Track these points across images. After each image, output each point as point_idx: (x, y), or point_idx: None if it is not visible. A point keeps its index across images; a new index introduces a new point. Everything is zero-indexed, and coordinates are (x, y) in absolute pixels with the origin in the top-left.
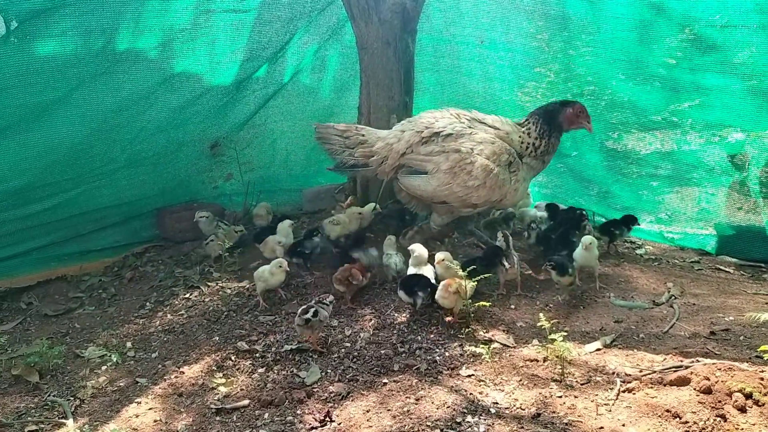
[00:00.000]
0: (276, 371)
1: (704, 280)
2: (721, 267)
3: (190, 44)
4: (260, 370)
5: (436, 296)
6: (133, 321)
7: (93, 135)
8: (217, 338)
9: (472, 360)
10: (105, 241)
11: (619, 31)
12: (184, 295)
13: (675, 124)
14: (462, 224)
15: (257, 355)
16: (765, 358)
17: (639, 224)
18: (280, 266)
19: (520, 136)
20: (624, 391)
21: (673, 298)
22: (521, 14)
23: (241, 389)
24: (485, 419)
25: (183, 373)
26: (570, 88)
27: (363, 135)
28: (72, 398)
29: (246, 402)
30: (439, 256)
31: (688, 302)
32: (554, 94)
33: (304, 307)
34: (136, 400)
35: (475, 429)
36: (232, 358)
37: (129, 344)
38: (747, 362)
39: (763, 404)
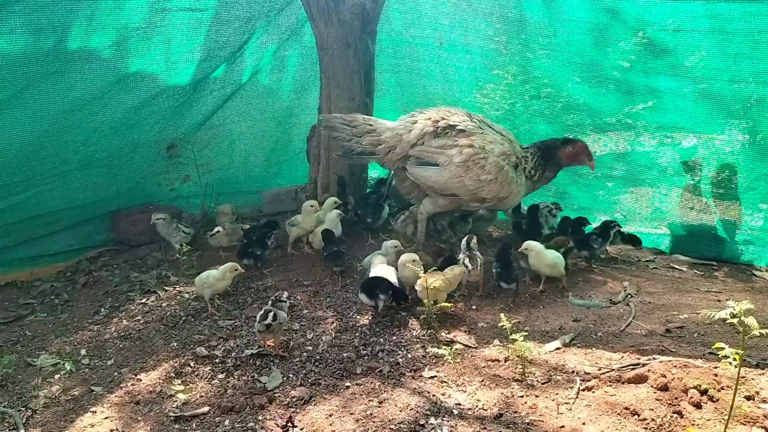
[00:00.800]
0: (236, 377)
1: (659, 278)
2: (675, 266)
3: (145, 43)
4: (220, 376)
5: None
6: (88, 327)
7: (44, 136)
8: (175, 344)
9: (434, 361)
10: (57, 245)
11: (575, 34)
12: (141, 300)
13: (629, 126)
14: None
15: (217, 360)
16: (720, 355)
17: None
18: (236, 269)
19: (518, 157)
20: (584, 390)
21: (629, 296)
22: (479, 17)
23: (201, 396)
24: (448, 421)
25: (140, 380)
26: (527, 90)
27: (371, 125)
28: (23, 409)
29: (206, 409)
30: (405, 258)
31: (644, 300)
32: (512, 96)
33: (261, 312)
34: (91, 410)
35: (438, 431)
36: (191, 364)
37: (83, 351)
38: (701, 359)
39: (717, 400)
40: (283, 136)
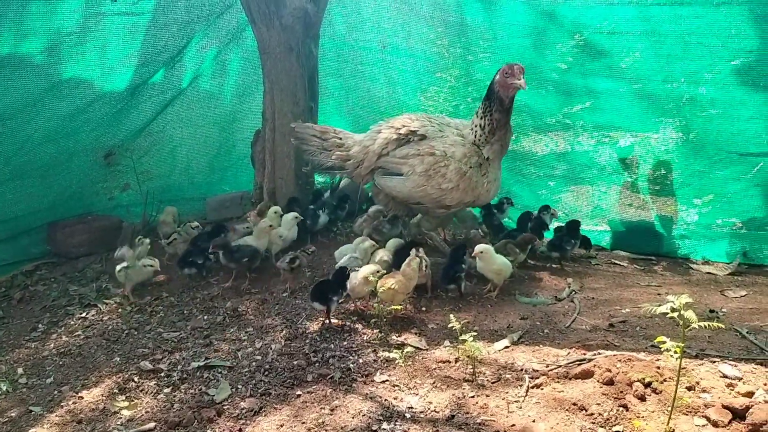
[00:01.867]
0: (183, 390)
1: (601, 274)
2: (616, 261)
3: (79, 48)
4: (166, 390)
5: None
6: (25, 345)
7: None
8: (118, 359)
9: (386, 365)
10: None
11: (515, 37)
12: (80, 314)
13: (568, 126)
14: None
15: (162, 374)
16: (662, 348)
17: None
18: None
19: (471, 127)
20: (533, 387)
21: (573, 293)
22: (421, 20)
23: (146, 412)
24: (401, 425)
25: (82, 398)
26: (470, 93)
27: (340, 138)
28: None
29: (152, 425)
30: (366, 269)
31: (588, 296)
32: (455, 99)
33: (289, 255)
34: (30, 431)
35: None
36: (135, 379)
37: (20, 370)
38: (644, 352)
39: (661, 392)
40: (226, 142)
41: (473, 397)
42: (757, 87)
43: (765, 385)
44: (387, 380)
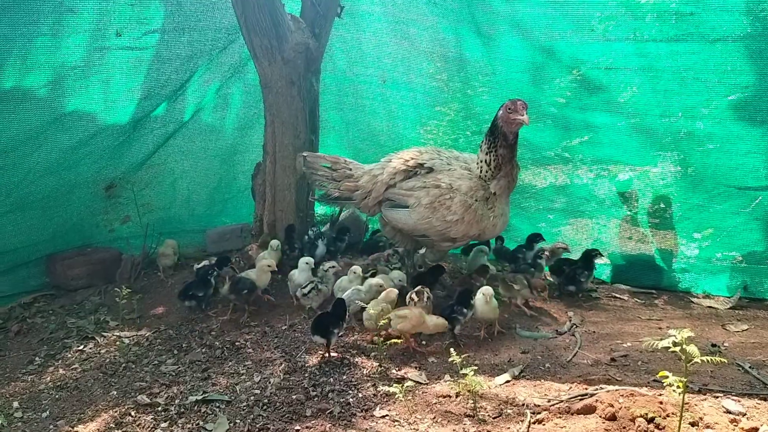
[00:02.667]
0: (180, 425)
1: (602, 308)
2: (617, 295)
3: (82, 82)
4: (163, 425)
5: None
6: (21, 378)
7: None
8: (115, 392)
9: (385, 400)
10: None
11: (513, 72)
12: (78, 347)
13: (567, 159)
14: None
15: (159, 408)
16: (665, 383)
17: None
18: None
19: (477, 162)
20: (534, 423)
21: (574, 326)
22: (421, 56)
23: None
24: None
25: None
26: (469, 126)
27: (350, 169)
28: None
29: None
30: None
31: (589, 330)
32: (454, 132)
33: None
34: None
35: None
36: (132, 413)
37: (16, 404)
38: (646, 387)
39: (664, 427)
40: (227, 174)
41: None
42: (753, 122)
43: None
44: (387, 415)
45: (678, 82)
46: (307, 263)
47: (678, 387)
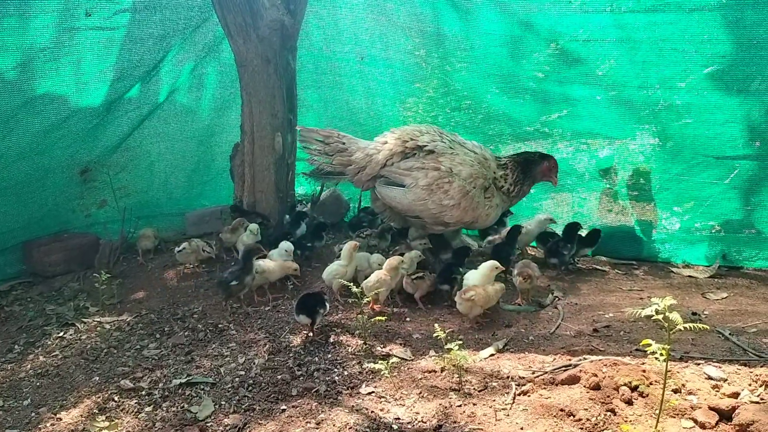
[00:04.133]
0: (165, 408)
1: (583, 280)
2: (598, 267)
3: (53, 64)
4: (147, 409)
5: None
6: (0, 366)
7: None
8: (97, 378)
9: (371, 377)
10: None
11: (492, 47)
12: (58, 334)
13: (546, 134)
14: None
15: (143, 392)
16: (648, 351)
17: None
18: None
19: (495, 172)
20: (519, 395)
21: (556, 299)
22: (399, 31)
23: (127, 431)
24: None
25: (60, 419)
26: (449, 102)
27: (343, 143)
28: None
29: None
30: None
31: (571, 302)
32: (434, 109)
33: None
34: None
35: None
36: (115, 398)
37: None
38: (629, 356)
39: (647, 395)
40: (204, 156)
41: (460, 406)
42: (731, 91)
43: (750, 385)
44: (373, 392)
45: (656, 53)
46: (286, 250)
47: (661, 354)
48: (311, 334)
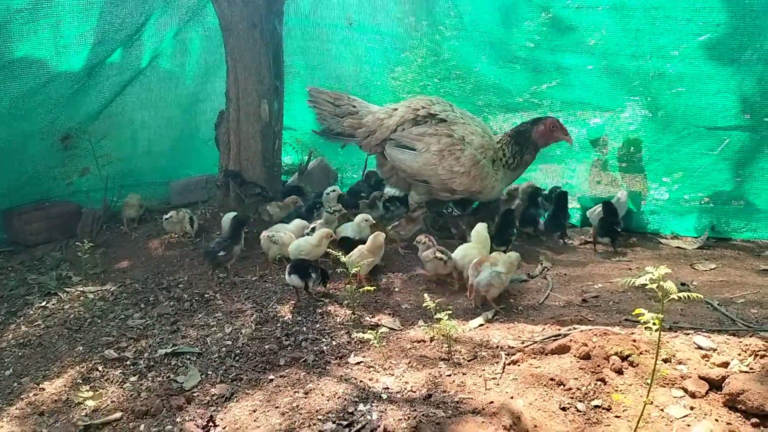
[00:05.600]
0: (150, 378)
1: (572, 251)
2: (587, 238)
3: (30, 26)
4: (132, 379)
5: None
6: None
7: None
8: (81, 348)
9: (360, 347)
10: None
11: (482, 13)
12: (40, 303)
13: (537, 104)
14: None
15: (128, 362)
16: (641, 320)
17: None
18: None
19: (495, 150)
20: (509, 364)
21: (545, 269)
22: None
23: (112, 401)
24: (377, 406)
25: (43, 389)
26: (438, 72)
27: (354, 106)
28: None
29: (118, 415)
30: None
31: (560, 273)
32: (423, 78)
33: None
34: None
35: (368, 417)
36: (100, 368)
37: None
38: (618, 326)
39: (638, 364)
40: (189, 124)
41: (450, 375)
42: (724, 61)
43: (739, 355)
44: (362, 362)
45: (649, 21)
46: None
47: (654, 323)
48: (305, 295)
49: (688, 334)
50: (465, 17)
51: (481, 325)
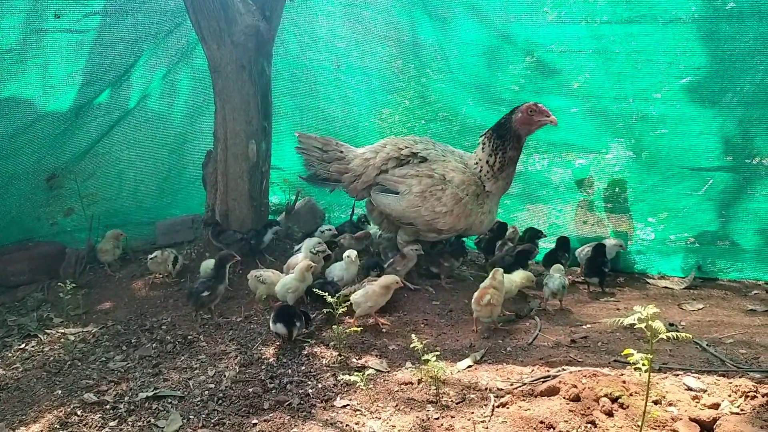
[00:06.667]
0: (131, 423)
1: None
2: (574, 278)
3: (19, 66)
4: (112, 423)
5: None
6: None
7: None
8: (60, 392)
9: (346, 389)
10: None
11: (469, 56)
12: (19, 345)
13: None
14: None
15: (107, 406)
16: (630, 361)
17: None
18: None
19: (474, 160)
20: (498, 406)
21: (533, 310)
22: (375, 40)
23: None
24: None
25: None
26: (425, 114)
27: (341, 151)
28: None
29: None
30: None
31: (548, 313)
32: (410, 120)
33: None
34: None
35: None
36: (78, 412)
37: None
38: (608, 367)
39: (628, 406)
40: (176, 164)
41: (438, 418)
42: (705, 103)
43: (729, 396)
44: (348, 405)
45: (632, 64)
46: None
47: (643, 364)
48: (289, 344)
49: (678, 375)
50: (451, 60)
51: (470, 366)
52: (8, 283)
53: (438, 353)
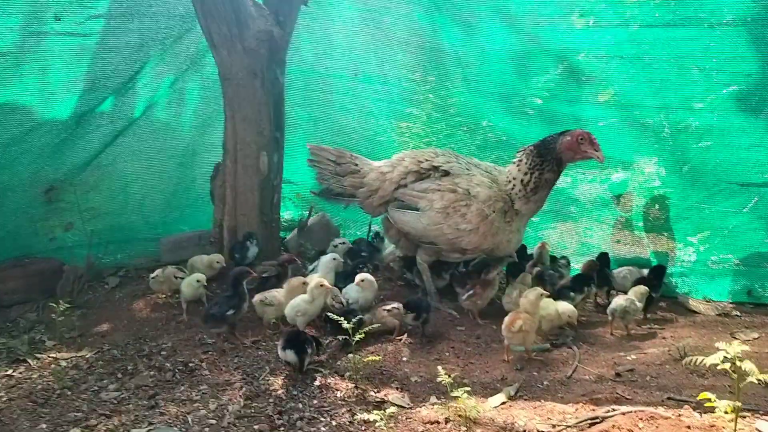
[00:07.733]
0: None
1: (596, 316)
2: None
3: (15, 71)
4: None
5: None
6: None
7: None
8: (45, 425)
9: (364, 428)
10: None
11: (495, 63)
12: (6, 371)
13: None
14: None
15: None
16: (715, 407)
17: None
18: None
19: (507, 176)
20: None
21: (569, 337)
22: (395, 46)
23: None
24: None
25: None
26: (448, 124)
27: (356, 164)
28: None
29: None
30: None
31: (586, 341)
32: (432, 130)
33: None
34: None
35: None
36: None
37: None
38: (662, 406)
39: None
40: (185, 177)
41: None
42: (757, 113)
43: None
44: None
45: (674, 71)
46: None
47: (726, 412)
48: (299, 374)
49: (745, 417)
50: (477, 67)
51: (503, 403)
52: (1, 302)
53: (468, 388)
